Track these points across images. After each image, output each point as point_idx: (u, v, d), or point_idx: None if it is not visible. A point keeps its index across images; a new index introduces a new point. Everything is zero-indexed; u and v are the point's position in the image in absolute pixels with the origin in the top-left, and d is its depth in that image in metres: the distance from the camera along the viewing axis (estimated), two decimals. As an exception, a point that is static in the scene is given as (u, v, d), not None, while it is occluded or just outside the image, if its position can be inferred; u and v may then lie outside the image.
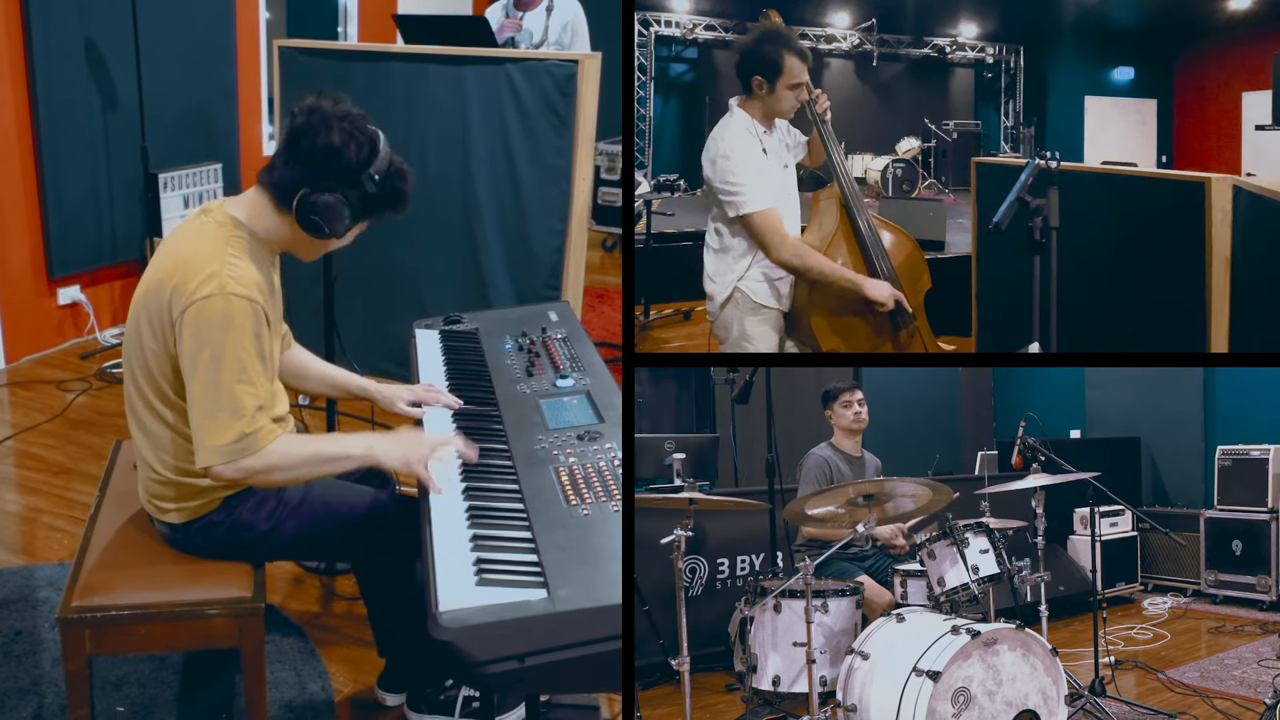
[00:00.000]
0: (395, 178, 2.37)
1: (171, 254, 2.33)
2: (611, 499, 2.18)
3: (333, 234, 2.34)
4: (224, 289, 2.22)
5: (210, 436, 2.22)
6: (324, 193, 2.30)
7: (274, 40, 4.80)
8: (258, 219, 2.37)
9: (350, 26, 7.37)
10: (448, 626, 1.81)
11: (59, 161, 5.13)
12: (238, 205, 2.39)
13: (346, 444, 2.40)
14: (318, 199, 2.29)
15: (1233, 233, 2.79)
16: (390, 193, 2.37)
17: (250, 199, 2.39)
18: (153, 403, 2.36)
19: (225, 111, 6.03)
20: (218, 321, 2.21)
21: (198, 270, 2.24)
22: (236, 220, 2.36)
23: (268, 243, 2.40)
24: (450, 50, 4.62)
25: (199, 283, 2.22)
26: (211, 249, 2.28)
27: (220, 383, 2.21)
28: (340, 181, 2.30)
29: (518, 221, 4.68)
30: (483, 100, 4.57)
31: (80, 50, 5.12)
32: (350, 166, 2.29)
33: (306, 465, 2.34)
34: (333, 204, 2.30)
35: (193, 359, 2.22)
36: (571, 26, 5.49)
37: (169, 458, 2.39)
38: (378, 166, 2.32)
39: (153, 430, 2.39)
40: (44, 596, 3.35)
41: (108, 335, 5.49)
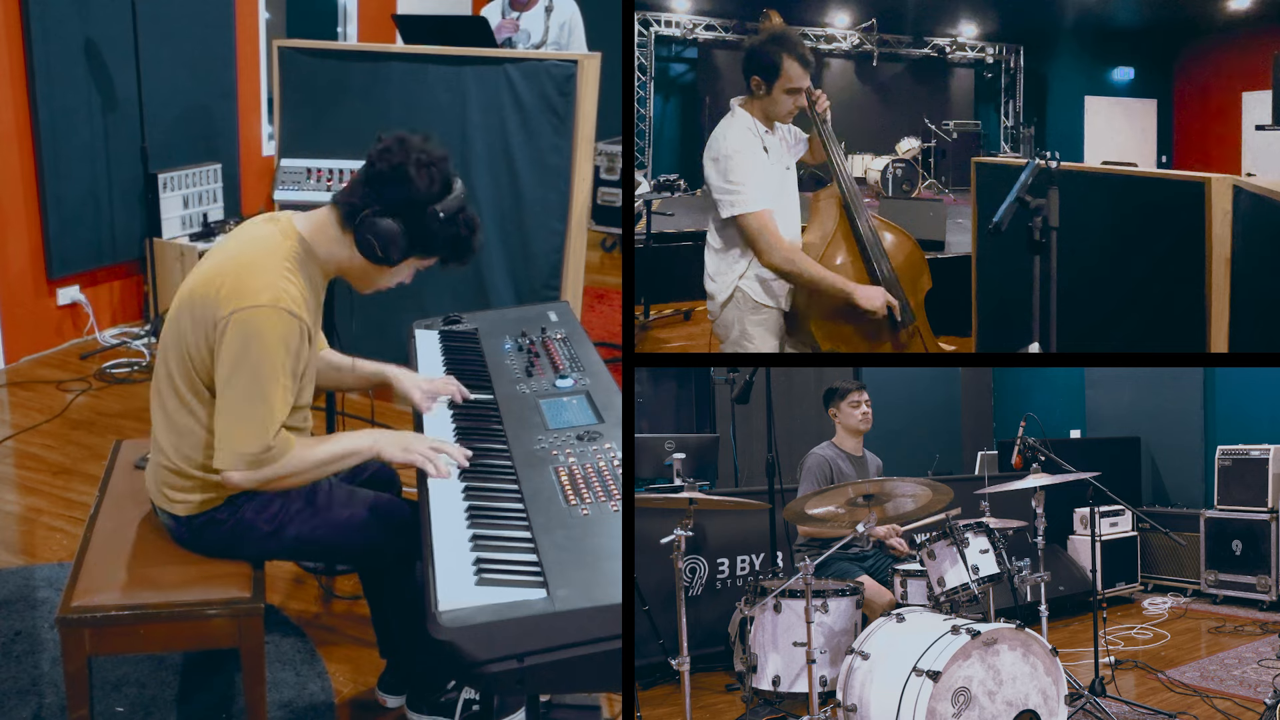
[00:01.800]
0: (463, 224, 2.38)
1: (231, 255, 2.36)
2: (611, 499, 2.18)
3: (385, 260, 2.35)
4: (277, 302, 2.24)
5: (236, 442, 2.25)
6: (386, 217, 2.31)
7: (274, 40, 4.80)
8: (321, 237, 2.40)
9: (350, 27, 7.37)
10: (447, 626, 1.81)
11: (59, 161, 5.13)
12: (305, 220, 2.42)
13: (352, 441, 2.45)
14: (378, 221, 2.32)
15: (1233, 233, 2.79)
16: (453, 237, 2.38)
17: (319, 216, 2.42)
18: (183, 394, 2.37)
19: (225, 112, 6.03)
20: (265, 332, 2.23)
21: (254, 278, 2.26)
22: (300, 236, 2.38)
23: (325, 263, 2.42)
24: (449, 50, 4.62)
25: (254, 290, 2.24)
26: (271, 260, 2.31)
27: (256, 393, 2.23)
28: (405, 209, 2.32)
29: (517, 222, 4.68)
30: (482, 100, 4.57)
31: (80, 50, 5.13)
32: (417, 197, 2.31)
33: (319, 468, 2.39)
34: (391, 229, 2.32)
35: (233, 363, 2.24)
36: (569, 26, 5.49)
37: (188, 450, 2.40)
38: (446, 205, 2.34)
39: (177, 420, 2.40)
40: (44, 596, 3.35)
41: (107, 335, 5.49)
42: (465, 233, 2.40)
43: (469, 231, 2.40)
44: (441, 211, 2.33)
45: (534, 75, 4.51)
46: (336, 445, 2.42)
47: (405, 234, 2.33)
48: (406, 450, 2.41)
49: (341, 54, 4.77)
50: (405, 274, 2.48)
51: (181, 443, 2.40)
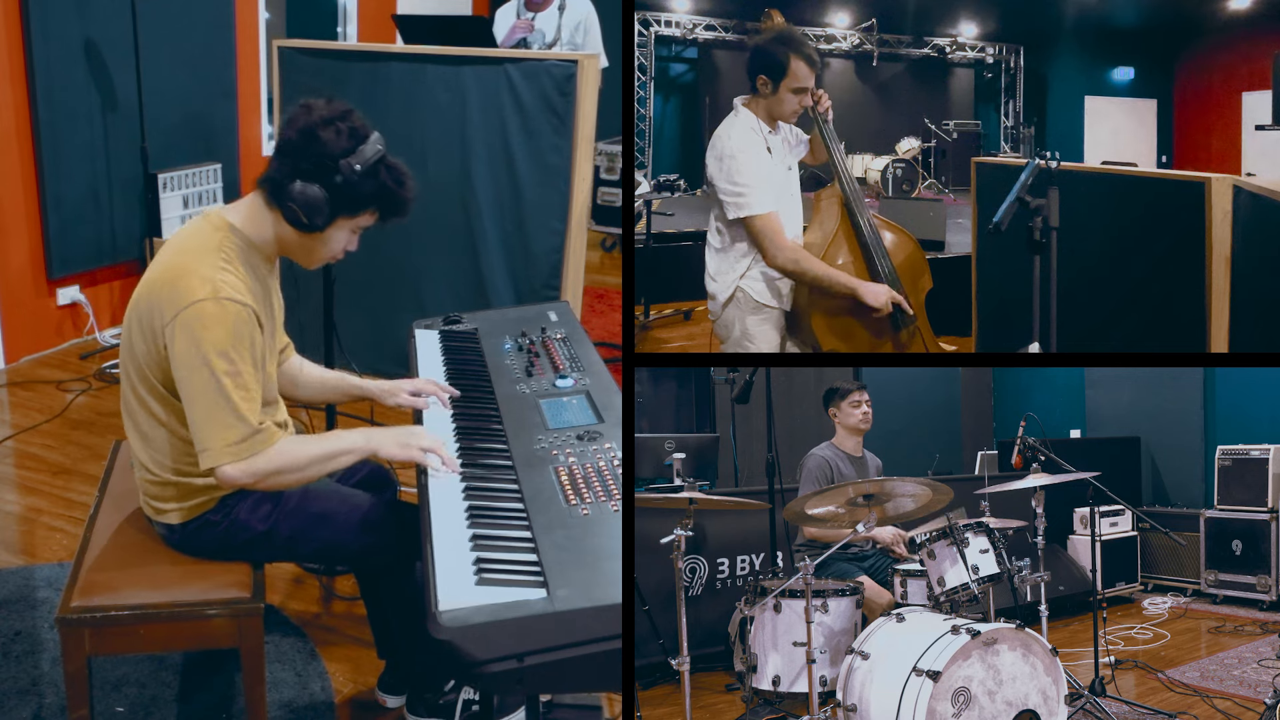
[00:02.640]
0: (386, 174, 2.33)
1: (165, 259, 2.35)
2: (611, 499, 2.18)
3: (312, 226, 2.31)
4: (217, 293, 2.23)
5: (213, 438, 2.23)
6: (304, 181, 2.28)
7: (273, 40, 4.80)
8: (252, 222, 2.38)
9: (350, 27, 7.37)
10: (447, 626, 1.81)
11: (59, 161, 5.13)
12: (234, 211, 2.40)
13: (348, 439, 2.43)
14: (296, 187, 2.28)
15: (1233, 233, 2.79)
16: (377, 189, 2.33)
17: (246, 203, 2.40)
18: (148, 403, 2.36)
19: (225, 112, 6.03)
20: (210, 325, 2.21)
21: (190, 275, 2.25)
22: (231, 226, 2.36)
23: (263, 248, 2.40)
24: (449, 50, 4.62)
25: (191, 289, 2.23)
26: (204, 254, 2.29)
27: (217, 385, 2.22)
28: (320, 170, 2.28)
29: (517, 221, 4.68)
30: (482, 100, 4.57)
31: (80, 50, 5.12)
32: (329, 154, 2.27)
33: (315, 464, 2.36)
34: (311, 192, 2.28)
35: (187, 363, 2.23)
36: (584, 26, 5.49)
37: (165, 459, 2.40)
38: (361, 158, 2.29)
39: (148, 432, 2.39)
40: (44, 596, 3.35)
41: (107, 335, 5.49)
42: (390, 183, 2.34)
43: (395, 182, 2.35)
44: (358, 164, 2.29)
45: (534, 75, 4.51)
46: (331, 442, 2.41)
47: (326, 195, 2.29)
48: (404, 447, 2.40)
49: (341, 54, 4.77)
50: (344, 239, 2.42)
51: (158, 453, 2.40)
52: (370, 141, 2.32)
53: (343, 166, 2.28)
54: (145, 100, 5.22)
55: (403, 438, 2.41)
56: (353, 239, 2.44)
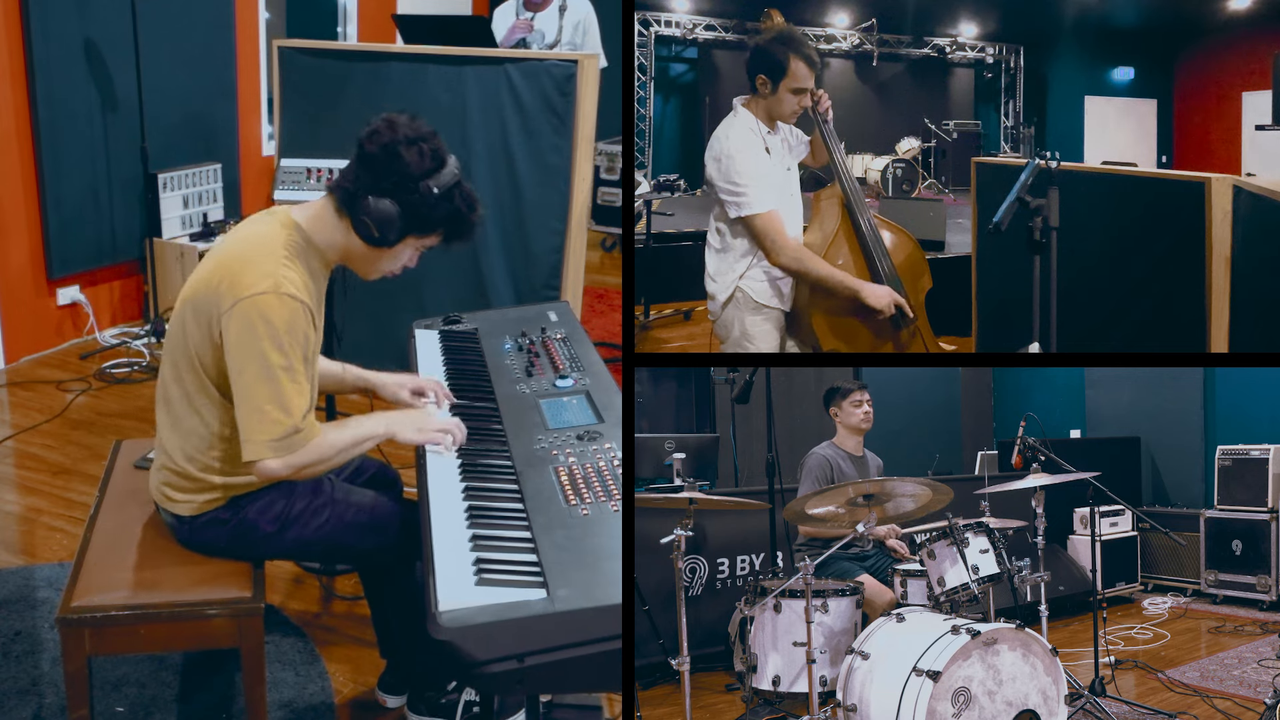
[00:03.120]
0: (460, 199, 2.37)
1: (228, 249, 2.37)
2: (611, 499, 2.18)
3: (383, 241, 2.34)
4: (278, 288, 2.24)
5: (260, 431, 2.25)
6: (380, 197, 2.31)
7: (274, 40, 4.80)
8: (318, 225, 2.39)
9: (350, 26, 7.37)
10: (447, 626, 1.81)
11: (59, 161, 5.13)
12: (302, 211, 2.42)
13: (368, 425, 2.46)
14: (372, 202, 2.30)
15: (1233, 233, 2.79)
16: (451, 213, 2.36)
17: (316, 205, 2.42)
18: (191, 395, 2.37)
19: (225, 112, 6.03)
20: (270, 318, 2.23)
21: (253, 267, 2.26)
22: (297, 225, 2.38)
23: (324, 252, 2.41)
24: (450, 50, 4.62)
25: (253, 280, 2.24)
26: (268, 250, 2.31)
27: (270, 379, 2.23)
28: (398, 188, 2.30)
29: (517, 221, 4.68)
30: (482, 100, 4.57)
31: (80, 50, 5.13)
32: (409, 174, 2.29)
33: (343, 452, 2.39)
34: (385, 209, 2.30)
35: (242, 353, 2.24)
36: (584, 26, 5.49)
37: (193, 451, 2.40)
38: (440, 181, 2.32)
39: (184, 422, 2.40)
40: (44, 596, 3.35)
41: (107, 335, 5.49)
42: (463, 208, 2.38)
43: (467, 207, 2.39)
44: (436, 187, 2.31)
45: (534, 75, 4.51)
46: (354, 429, 2.43)
47: (401, 213, 2.32)
48: (421, 430, 2.45)
49: (341, 54, 4.77)
50: (407, 256, 2.45)
51: (187, 445, 2.40)
52: (449, 165, 2.36)
53: (422, 188, 2.31)
54: (145, 100, 5.22)
55: (418, 421, 2.48)
56: (414, 257, 2.47)
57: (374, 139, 2.31)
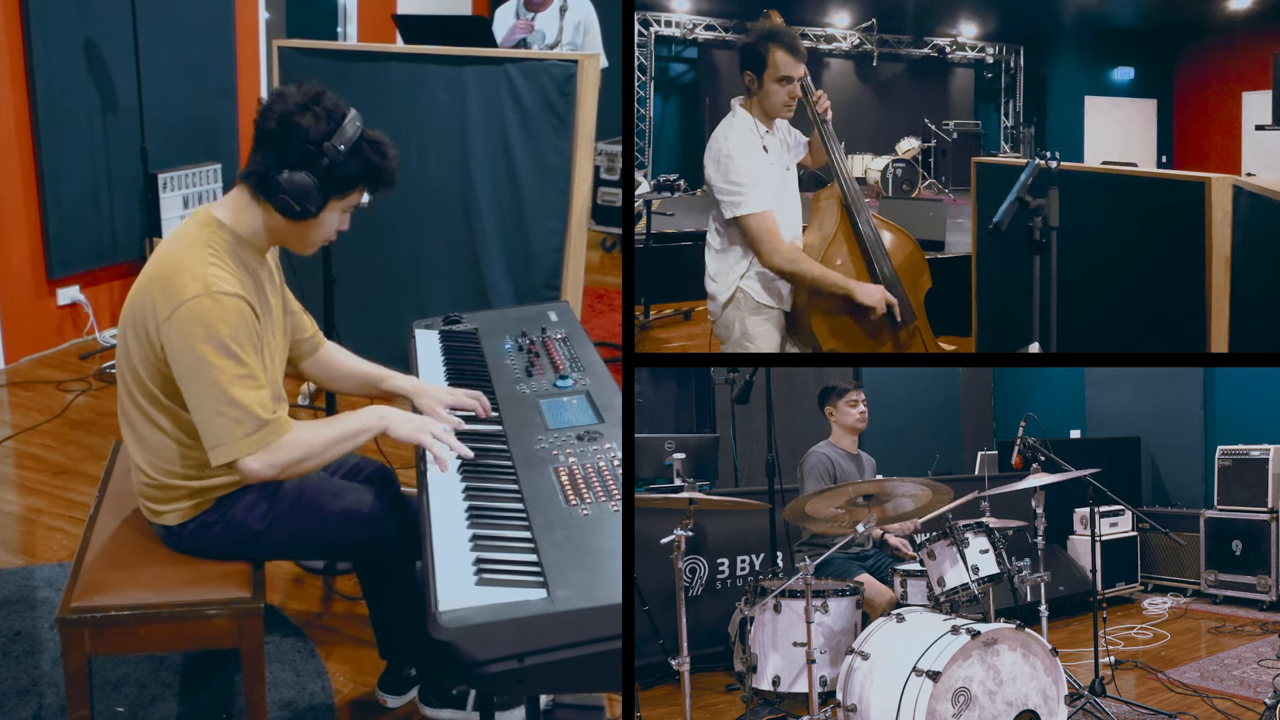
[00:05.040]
0: (369, 149, 2.33)
1: (155, 260, 2.34)
2: (611, 499, 2.18)
3: (305, 213, 2.31)
4: (208, 289, 2.22)
5: (223, 433, 2.23)
6: (291, 170, 2.28)
7: (274, 40, 4.80)
8: (239, 217, 2.37)
9: (350, 26, 7.37)
10: (447, 626, 1.81)
11: (59, 161, 5.13)
12: (220, 207, 2.39)
13: (362, 419, 2.43)
14: (284, 177, 2.28)
15: (1233, 233, 2.79)
16: (364, 166, 2.33)
17: (231, 198, 2.39)
18: (145, 408, 2.36)
19: (225, 112, 6.03)
20: (207, 321, 2.21)
21: (180, 273, 2.24)
22: (219, 221, 2.36)
23: (253, 240, 2.39)
24: (450, 50, 4.62)
25: (181, 287, 2.22)
26: (192, 251, 2.28)
27: (219, 383, 2.22)
28: (305, 157, 2.28)
29: (517, 221, 4.68)
30: (482, 100, 4.57)
31: (80, 50, 5.12)
32: (312, 139, 2.27)
33: (333, 446, 2.37)
34: (300, 180, 2.28)
35: (187, 361, 2.23)
36: (584, 26, 5.50)
37: (162, 462, 2.40)
38: (343, 138, 2.29)
39: (145, 435, 2.39)
40: (44, 596, 3.35)
41: (107, 335, 5.49)
42: (375, 158, 2.34)
43: (379, 155, 2.35)
44: (341, 144, 2.29)
45: (534, 75, 4.50)
46: (346, 423, 2.41)
47: (315, 180, 2.29)
48: (417, 430, 2.42)
49: (341, 54, 4.77)
50: (338, 220, 2.41)
51: (156, 457, 2.40)
52: (349, 119, 2.32)
53: (327, 150, 2.28)
54: (145, 100, 5.22)
55: (416, 420, 2.45)
56: (344, 219, 2.44)
57: (268, 115, 2.28)
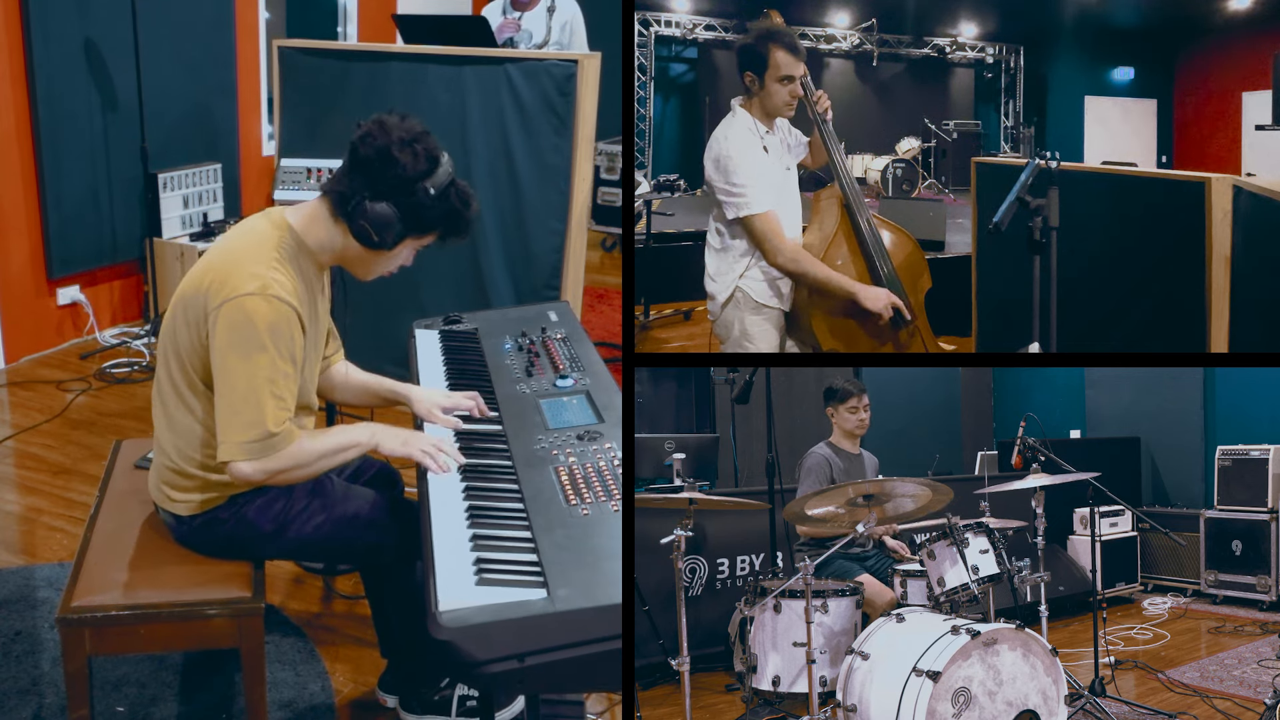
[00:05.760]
0: (455, 198, 2.36)
1: (220, 250, 2.37)
2: (611, 499, 2.18)
3: (382, 244, 2.34)
4: (265, 289, 2.24)
5: (234, 432, 2.25)
6: (377, 201, 2.30)
7: (274, 40, 4.80)
8: (312, 228, 2.39)
9: (350, 26, 7.37)
10: (447, 626, 1.81)
11: (59, 161, 5.13)
12: (296, 213, 2.41)
13: (353, 434, 2.44)
14: (369, 206, 2.30)
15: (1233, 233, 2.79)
16: (447, 212, 2.36)
17: (310, 207, 2.41)
18: (183, 393, 2.38)
19: (225, 111, 6.03)
20: (254, 320, 2.23)
21: (242, 268, 2.26)
22: (290, 227, 2.38)
23: (318, 254, 2.41)
24: (450, 50, 4.62)
25: (241, 280, 2.24)
26: (258, 250, 2.31)
27: (250, 382, 2.23)
28: (395, 191, 2.30)
29: (517, 221, 4.68)
30: (482, 100, 4.57)
31: (80, 50, 5.13)
32: (405, 176, 2.29)
33: (322, 459, 2.38)
34: (384, 213, 2.30)
35: (224, 352, 2.24)
36: (571, 27, 5.50)
37: (186, 447, 2.40)
38: (435, 181, 2.31)
39: (178, 420, 2.40)
40: (44, 596, 3.35)
41: (107, 335, 5.49)
42: (459, 206, 2.37)
43: (463, 204, 2.38)
44: (432, 188, 2.31)
45: (534, 75, 4.51)
46: (336, 437, 2.42)
47: (399, 215, 2.32)
48: (405, 444, 2.43)
49: (341, 54, 4.77)
50: (405, 256, 2.46)
51: (182, 443, 2.41)
52: (443, 165, 2.34)
53: (418, 190, 2.30)
54: (145, 100, 5.22)
55: (405, 435, 2.45)
56: (411, 256, 2.47)
57: (367, 142, 2.30)
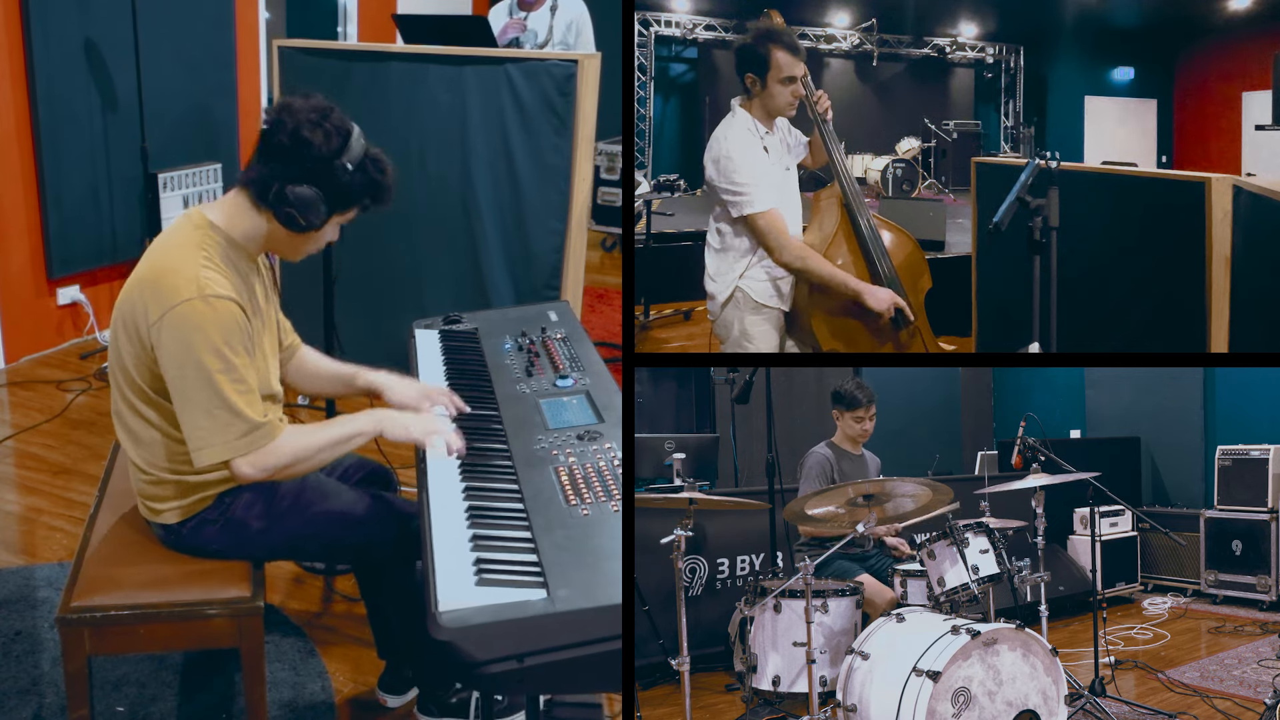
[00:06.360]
0: (372, 167, 2.35)
1: (148, 261, 2.35)
2: (611, 499, 2.18)
3: (309, 226, 2.33)
4: (202, 291, 2.23)
5: (214, 434, 2.24)
6: (298, 184, 2.29)
7: (274, 40, 4.80)
8: (235, 220, 2.38)
9: (350, 26, 7.37)
10: (447, 626, 1.81)
11: (59, 161, 5.13)
12: (215, 209, 2.40)
13: (356, 422, 2.44)
14: (291, 191, 2.29)
15: (1233, 233, 2.79)
16: (367, 183, 2.35)
17: (228, 201, 2.40)
18: (136, 406, 2.37)
19: (225, 111, 6.03)
20: (199, 324, 2.22)
21: (173, 274, 2.25)
22: (212, 224, 2.36)
23: (246, 245, 2.40)
24: (450, 50, 4.62)
25: (175, 288, 2.23)
26: (185, 254, 2.29)
27: (212, 384, 2.22)
28: (313, 172, 2.29)
29: (517, 221, 4.68)
30: (482, 100, 4.57)
31: (80, 50, 5.12)
32: (321, 156, 2.28)
33: (325, 450, 2.38)
34: (307, 195, 2.29)
35: (177, 362, 2.23)
36: (576, 26, 5.50)
37: (154, 458, 2.40)
38: (350, 155, 2.31)
39: (139, 433, 2.39)
40: (44, 596, 3.35)
41: (107, 335, 5.48)
42: (376, 175, 2.37)
43: (379, 172, 2.37)
44: (349, 163, 2.31)
45: (534, 75, 4.51)
46: (340, 427, 2.42)
47: (321, 195, 2.31)
48: (408, 429, 2.43)
49: (341, 54, 4.77)
50: (330, 233, 2.44)
51: (150, 454, 2.40)
52: (355, 137, 2.33)
53: (336, 167, 2.30)
54: (145, 100, 5.22)
55: (408, 420, 2.46)
56: (336, 232, 2.47)
57: (278, 128, 2.28)
